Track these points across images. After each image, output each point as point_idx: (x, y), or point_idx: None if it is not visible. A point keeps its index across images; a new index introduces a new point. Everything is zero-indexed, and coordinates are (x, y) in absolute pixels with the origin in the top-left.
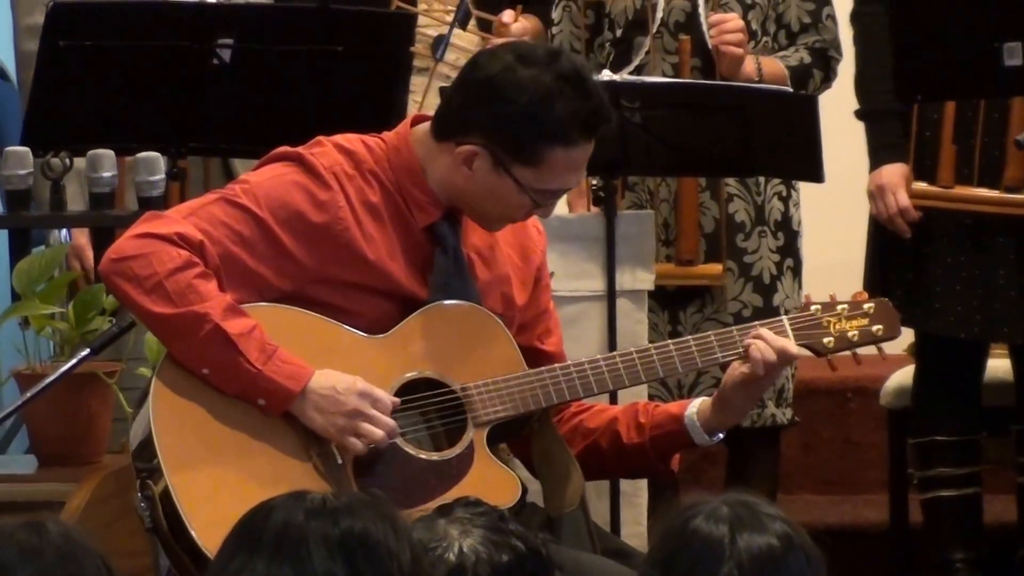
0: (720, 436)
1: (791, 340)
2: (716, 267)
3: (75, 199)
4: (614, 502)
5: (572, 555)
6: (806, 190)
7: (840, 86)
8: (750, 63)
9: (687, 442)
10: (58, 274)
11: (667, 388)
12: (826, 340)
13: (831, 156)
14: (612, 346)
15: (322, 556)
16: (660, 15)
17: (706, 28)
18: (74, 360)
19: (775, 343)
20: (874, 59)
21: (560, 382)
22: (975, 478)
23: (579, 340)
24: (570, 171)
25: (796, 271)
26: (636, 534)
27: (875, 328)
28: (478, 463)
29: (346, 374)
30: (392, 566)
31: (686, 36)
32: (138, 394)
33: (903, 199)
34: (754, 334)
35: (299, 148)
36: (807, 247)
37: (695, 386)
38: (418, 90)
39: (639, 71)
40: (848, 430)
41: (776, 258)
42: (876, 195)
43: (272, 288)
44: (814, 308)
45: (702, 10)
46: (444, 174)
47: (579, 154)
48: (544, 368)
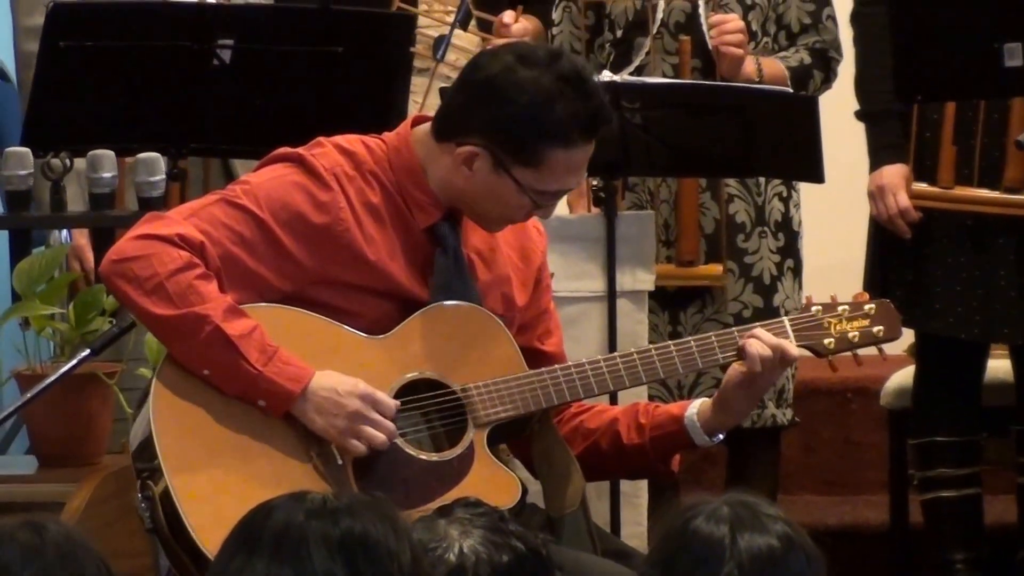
0: (720, 437)
1: (792, 341)
2: (716, 268)
3: (75, 200)
4: (614, 502)
5: (572, 555)
6: (806, 191)
7: (840, 87)
8: (750, 64)
9: (687, 443)
10: (58, 275)
11: (667, 389)
12: (827, 341)
13: (831, 157)
14: (612, 347)
15: (322, 556)
16: (660, 16)
17: (706, 29)
18: (74, 361)
19: (771, 340)
20: (874, 60)
21: (560, 383)
22: (975, 479)
23: (579, 341)
24: (570, 172)
25: (796, 272)
26: (636, 534)
27: (876, 329)
28: (478, 464)
29: (347, 376)
30: (392, 566)
31: (686, 37)
32: (138, 395)
33: (903, 200)
34: (750, 333)
35: (299, 149)
36: (807, 248)
37: (695, 387)
38: (419, 91)
39: (639, 72)
40: (848, 430)
41: (776, 259)
42: (876, 196)
43: (272, 289)
44: (815, 309)
45: (702, 11)
46: (444, 175)
47: (579, 155)
48: (544, 369)
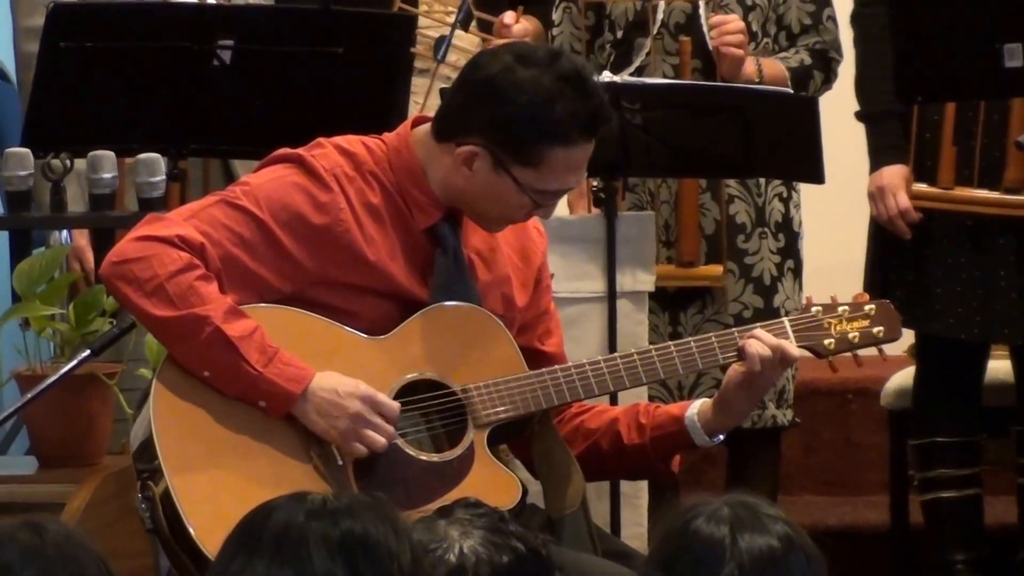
0: (720, 437)
1: (792, 341)
2: (717, 268)
3: (75, 200)
4: (615, 503)
5: (572, 556)
6: (806, 191)
7: (840, 87)
8: (751, 64)
9: (687, 443)
10: (58, 275)
11: (667, 389)
12: (827, 341)
13: (831, 157)
14: (612, 347)
15: (322, 557)
16: (661, 16)
17: (707, 29)
18: (74, 361)
19: (771, 340)
20: (874, 60)
21: (561, 383)
22: (975, 479)
23: (579, 341)
24: (570, 171)
25: (797, 272)
26: (637, 535)
27: (876, 330)
28: (479, 464)
29: (348, 377)
30: (392, 567)
31: (687, 37)
32: (138, 395)
33: (903, 200)
34: (750, 334)
35: (299, 150)
36: (807, 248)
37: (695, 387)
38: (419, 91)
39: (640, 72)
40: (849, 431)
41: (777, 259)
42: (876, 196)
43: (273, 290)
44: (815, 309)
45: (703, 11)
46: (444, 175)
47: (579, 154)
48: (544, 369)
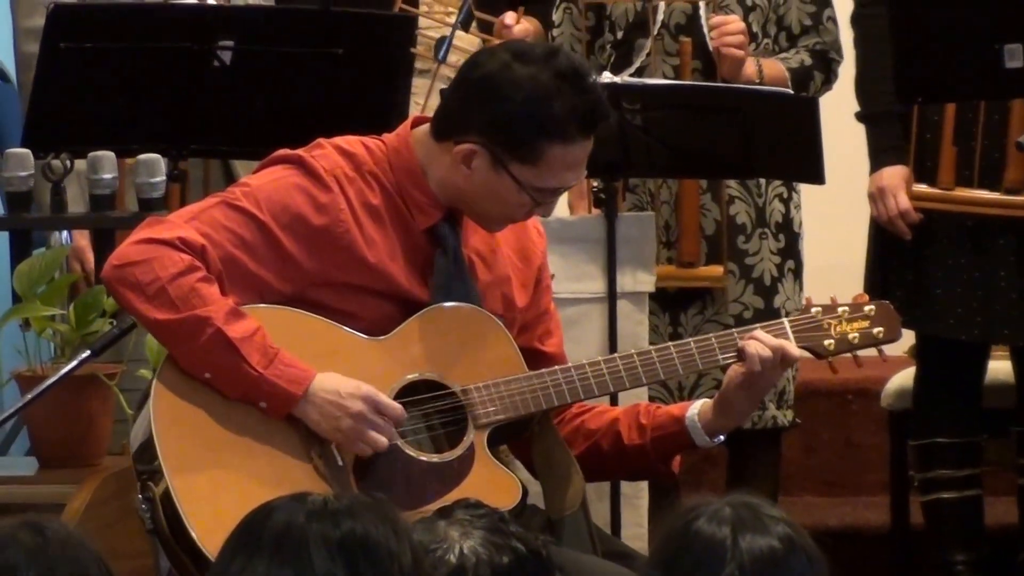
0: (721, 438)
1: (792, 342)
2: (717, 269)
3: (76, 201)
4: (615, 504)
5: (573, 557)
6: (807, 192)
7: (840, 88)
8: (751, 65)
9: (688, 443)
10: (59, 276)
11: (668, 390)
12: (827, 342)
13: (831, 158)
14: (612, 348)
15: (323, 558)
16: (661, 17)
17: (707, 30)
18: (75, 362)
19: (771, 341)
20: (874, 61)
21: (561, 384)
22: (976, 480)
23: (580, 342)
24: (569, 169)
25: (797, 273)
26: (637, 536)
27: (876, 330)
28: (479, 465)
29: (349, 378)
30: (393, 568)
31: (687, 38)
32: (139, 396)
33: (903, 201)
34: (750, 335)
35: (299, 151)
36: (808, 249)
37: (696, 388)
38: (420, 92)
39: (640, 73)
40: (849, 432)
41: (777, 260)
42: (877, 197)
43: (273, 291)
44: (815, 310)
45: (703, 12)
46: (444, 174)
47: (578, 151)
48: (544, 370)
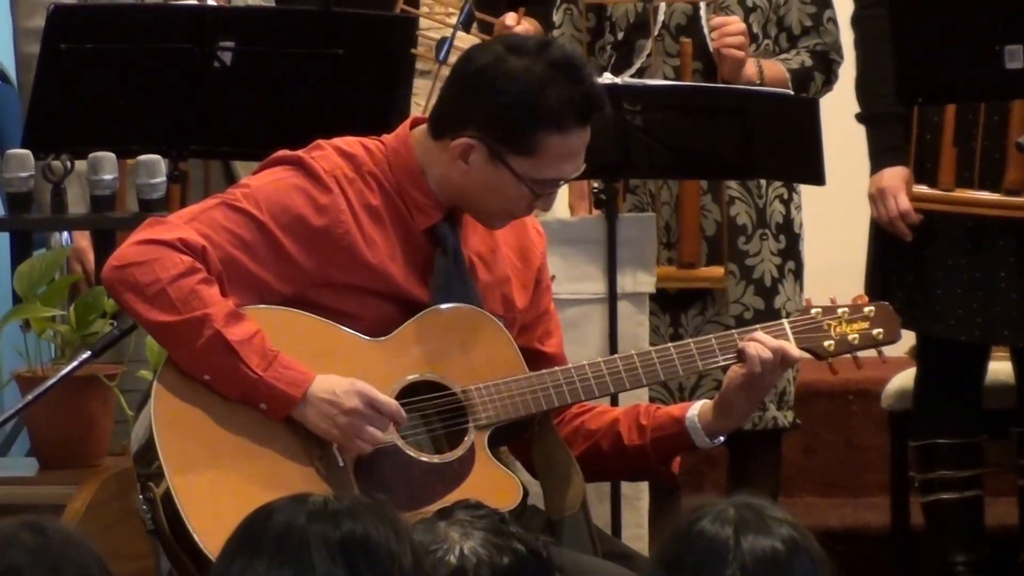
0: (721, 439)
1: (792, 343)
2: (717, 270)
3: (76, 202)
4: (615, 505)
5: (573, 557)
6: (807, 193)
7: (841, 89)
8: (751, 66)
9: (688, 444)
10: (59, 277)
11: (668, 390)
12: (827, 343)
13: (832, 159)
14: (613, 349)
15: (323, 559)
16: (661, 18)
17: (707, 31)
18: (75, 363)
19: (771, 342)
20: (875, 62)
21: (561, 385)
22: (976, 481)
23: (580, 343)
24: (566, 159)
25: (797, 274)
26: (637, 537)
27: (875, 331)
28: (479, 466)
29: (345, 377)
30: (393, 569)
31: (687, 39)
32: (139, 397)
33: (904, 202)
34: (749, 337)
35: (299, 151)
36: (808, 250)
37: (696, 388)
38: (421, 93)
39: (640, 74)
40: (849, 433)
41: (777, 261)
42: (877, 198)
43: (273, 292)
44: (814, 311)
45: (703, 13)
46: (443, 172)
47: (574, 140)
48: (545, 371)
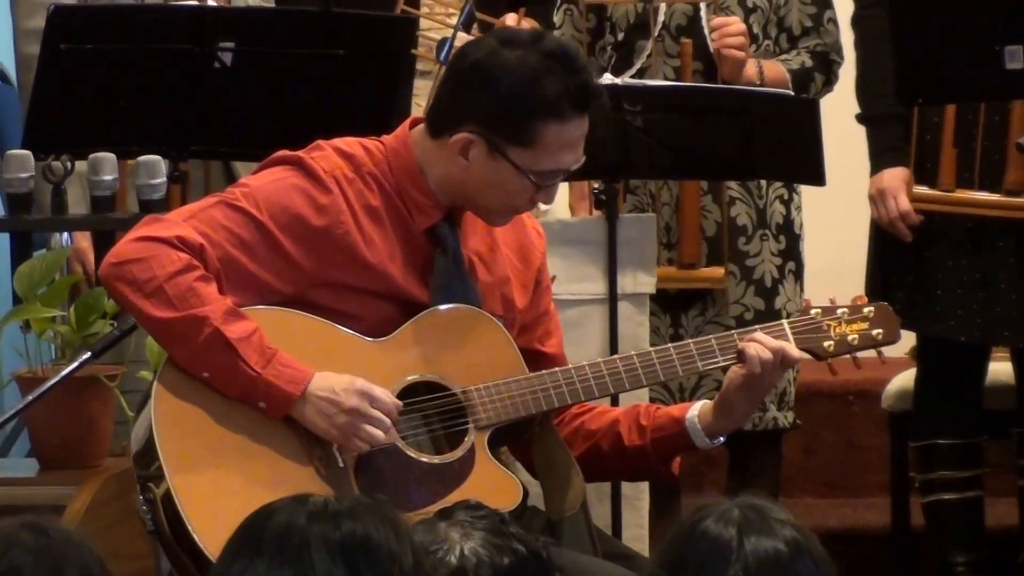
0: (721, 439)
1: (792, 344)
2: (718, 270)
3: (76, 202)
4: (615, 505)
5: (573, 558)
6: (807, 193)
7: (841, 89)
8: (751, 66)
9: (688, 445)
10: (59, 277)
11: (669, 391)
12: (826, 344)
13: (832, 159)
14: (613, 349)
15: (323, 559)
16: (662, 19)
17: (708, 32)
18: (75, 363)
19: (771, 342)
20: (875, 63)
21: (561, 385)
22: (976, 481)
23: (580, 343)
24: (566, 148)
25: (798, 274)
26: (637, 537)
27: (875, 332)
28: (479, 466)
29: (343, 375)
30: (394, 569)
31: (688, 40)
32: (139, 397)
33: (904, 203)
34: (749, 337)
35: (299, 152)
36: (808, 250)
37: (697, 389)
38: (421, 94)
39: (641, 75)
40: (850, 433)
41: (778, 261)
42: (877, 199)
43: (273, 291)
44: (814, 312)
45: (704, 14)
46: (443, 171)
47: (573, 129)
48: (545, 371)
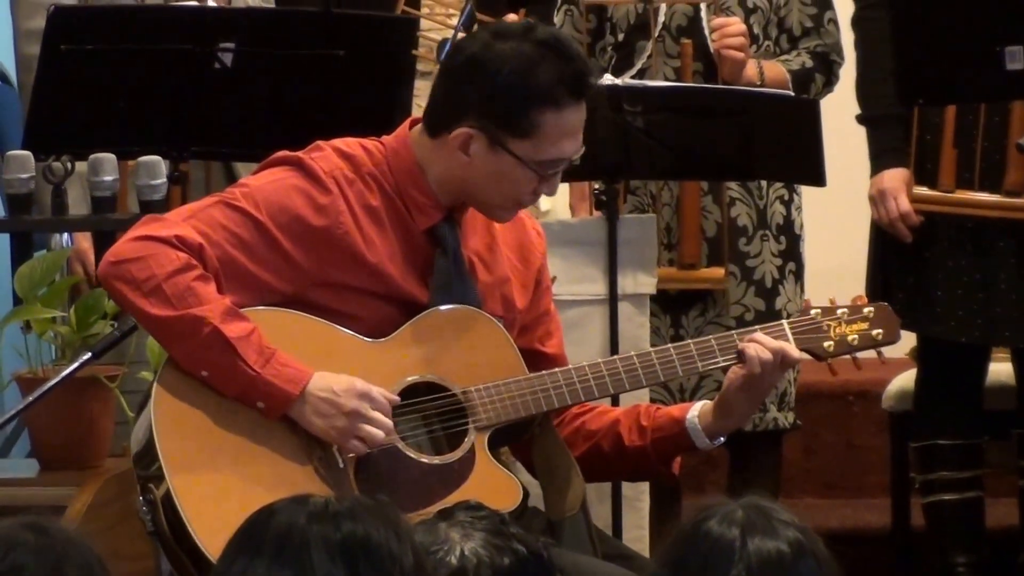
0: (721, 440)
1: (792, 344)
2: (718, 271)
3: (77, 203)
4: (616, 506)
5: (573, 558)
6: (807, 194)
7: (841, 90)
8: (752, 67)
9: (688, 445)
10: (60, 278)
11: (669, 391)
12: (826, 344)
13: (832, 160)
14: (614, 350)
15: (324, 560)
16: (662, 19)
17: (708, 32)
18: (76, 364)
19: (771, 343)
20: (875, 63)
21: (561, 386)
22: (977, 482)
23: (581, 344)
24: (565, 136)
25: (798, 275)
26: (638, 538)
27: (875, 332)
28: (479, 467)
29: (342, 375)
30: (394, 570)
31: (688, 40)
32: (139, 398)
33: (904, 204)
34: (749, 338)
35: (299, 152)
36: (809, 251)
37: (697, 389)
38: (422, 94)
39: (641, 75)
40: (850, 434)
41: (778, 262)
42: (877, 200)
43: (272, 291)
44: (814, 312)
45: (704, 14)
46: (444, 169)
47: (571, 116)
48: (545, 372)
